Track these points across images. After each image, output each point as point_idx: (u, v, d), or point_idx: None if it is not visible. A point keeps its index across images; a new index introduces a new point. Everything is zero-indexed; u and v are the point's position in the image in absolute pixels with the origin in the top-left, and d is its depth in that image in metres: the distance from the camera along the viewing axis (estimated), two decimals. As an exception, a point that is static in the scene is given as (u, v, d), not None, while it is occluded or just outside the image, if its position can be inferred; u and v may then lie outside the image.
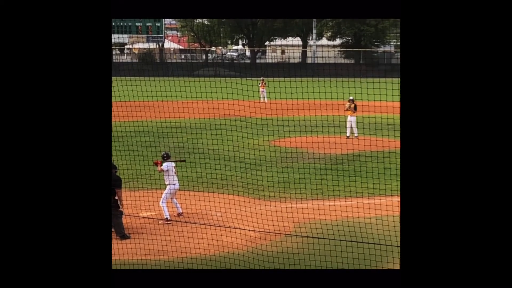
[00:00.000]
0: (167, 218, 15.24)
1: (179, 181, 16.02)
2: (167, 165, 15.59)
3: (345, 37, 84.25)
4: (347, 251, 11.66)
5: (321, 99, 17.29)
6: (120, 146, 17.76)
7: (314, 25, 78.39)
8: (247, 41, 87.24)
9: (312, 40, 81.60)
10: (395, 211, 12.28)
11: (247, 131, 17.97)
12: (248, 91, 16.20)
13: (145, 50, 78.33)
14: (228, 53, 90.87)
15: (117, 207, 14.00)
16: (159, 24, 73.90)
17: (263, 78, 42.98)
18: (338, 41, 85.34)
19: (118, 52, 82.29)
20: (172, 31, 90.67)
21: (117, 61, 73.26)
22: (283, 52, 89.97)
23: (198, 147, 23.25)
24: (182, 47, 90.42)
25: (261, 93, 41.64)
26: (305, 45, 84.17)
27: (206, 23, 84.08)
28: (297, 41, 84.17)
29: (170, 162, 15.72)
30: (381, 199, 15.88)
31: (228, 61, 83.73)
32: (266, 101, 37.94)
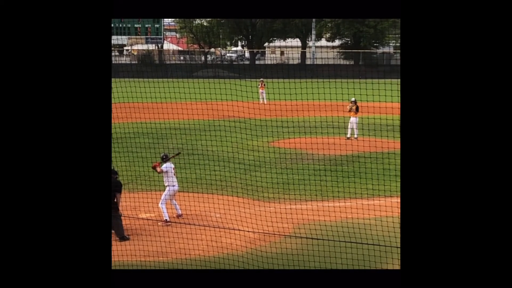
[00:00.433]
0: (166, 219, 15.22)
1: (178, 182, 16.01)
2: (166, 166, 15.57)
3: (344, 38, 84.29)
4: (346, 252, 11.65)
5: (320, 100, 17.28)
6: (119, 147, 17.75)
7: (313, 26, 78.41)
8: (246, 42, 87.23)
9: (311, 41, 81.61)
10: (394, 212, 12.27)
11: (246, 132, 17.97)
12: (247, 92, 16.19)
13: (144, 51, 78.33)
14: (227, 55, 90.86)
15: (117, 209, 14.06)
16: (158, 25, 74.02)
17: (262, 79, 42.98)
18: (337, 42, 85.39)
19: (117, 53, 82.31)
20: (171, 32, 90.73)
21: (116, 62, 73.29)
22: (282, 53, 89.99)
23: (197, 148, 23.22)
24: (181, 49, 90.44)
25: (260, 94, 41.65)
26: (304, 46, 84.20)
27: (205, 24, 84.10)
28: (296, 42, 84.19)
29: (169, 163, 15.72)
30: (380, 200, 15.86)
31: (227, 62, 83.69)
32: (265, 102, 37.96)
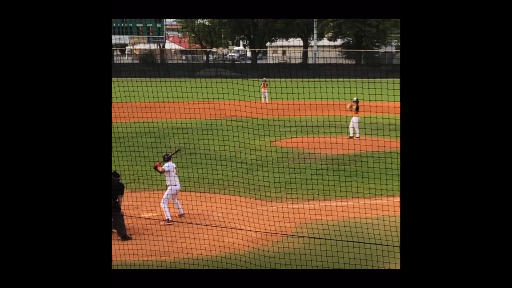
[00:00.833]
0: (168, 219, 15.22)
1: (180, 181, 16.00)
2: (168, 166, 15.57)
3: (346, 37, 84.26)
4: (348, 251, 11.64)
5: (322, 99, 17.27)
6: (121, 147, 17.75)
7: (315, 26, 78.38)
8: (248, 41, 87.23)
9: (313, 40, 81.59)
10: (396, 211, 12.22)
11: (249, 132, 17.96)
12: (249, 91, 16.18)
13: (146, 51, 78.35)
14: (229, 54, 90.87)
15: (119, 209, 14.08)
16: (160, 25, 74.00)
17: (265, 79, 42.95)
18: (339, 42, 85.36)
19: (119, 53, 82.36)
20: (173, 32, 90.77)
21: (118, 62, 73.34)
22: (284, 52, 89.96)
23: (199, 147, 23.23)
24: (183, 48, 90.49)
25: (262, 94, 41.62)
26: (306, 45, 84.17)
27: (207, 24, 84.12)
28: (298, 41, 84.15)
29: (170, 162, 15.71)
30: (382, 200, 15.86)
31: (229, 62, 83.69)
32: (267, 102, 37.94)
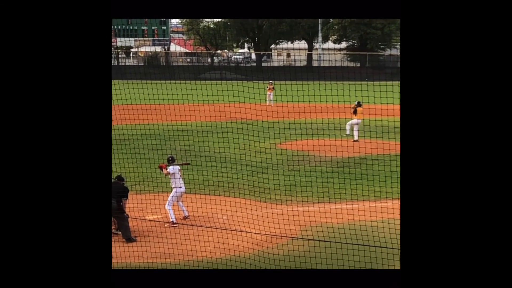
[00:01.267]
0: (173, 221, 15.22)
1: (185, 184, 16.00)
2: (173, 168, 15.58)
3: (351, 40, 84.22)
4: (353, 254, 11.63)
5: (327, 102, 17.27)
6: (126, 149, 17.79)
7: (319, 28, 78.36)
8: (252, 44, 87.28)
9: (317, 43, 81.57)
10: (402, 214, 12.22)
11: (253, 134, 17.95)
12: (254, 94, 16.18)
13: (151, 53, 78.47)
14: (233, 56, 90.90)
15: (123, 212, 14.10)
16: (165, 27, 74.08)
17: (271, 81, 42.95)
18: (344, 44, 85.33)
19: (124, 55, 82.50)
20: (178, 34, 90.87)
21: (123, 64, 73.45)
22: (288, 55, 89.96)
23: (204, 150, 23.23)
24: (188, 51, 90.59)
25: (268, 96, 41.63)
26: (310, 48, 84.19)
27: (211, 26, 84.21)
28: (303, 44, 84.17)
29: (175, 165, 15.71)
30: (387, 202, 15.83)
31: (233, 64, 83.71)
32: (272, 104, 37.93)
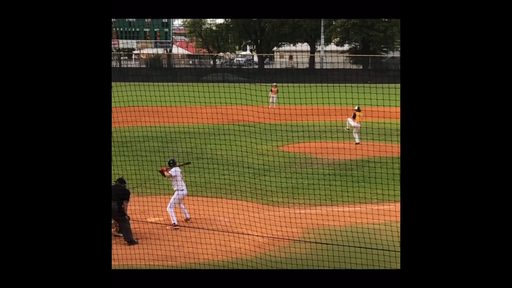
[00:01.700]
0: (174, 223, 15.20)
1: (187, 186, 15.98)
2: (175, 170, 15.56)
3: (353, 42, 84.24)
4: (355, 257, 11.59)
5: (329, 104, 17.23)
6: (128, 151, 17.79)
7: (322, 31, 78.40)
8: (255, 46, 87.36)
9: (320, 45, 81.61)
10: (404, 217, 12.18)
11: (255, 137, 17.93)
12: (256, 96, 16.17)
13: (153, 55, 78.55)
14: (236, 59, 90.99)
15: (124, 214, 14.09)
16: (167, 29, 74.13)
17: (275, 84, 42.95)
18: (346, 47, 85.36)
19: (126, 57, 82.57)
20: (180, 36, 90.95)
21: (125, 66, 73.53)
22: (291, 57, 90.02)
23: (206, 152, 23.21)
24: (190, 53, 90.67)
25: (271, 98, 41.62)
26: (313, 50, 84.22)
27: (214, 28, 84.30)
28: (306, 46, 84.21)
29: (176, 167, 15.68)
30: (389, 205, 15.79)
31: (236, 67, 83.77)
32: (274, 107, 37.91)
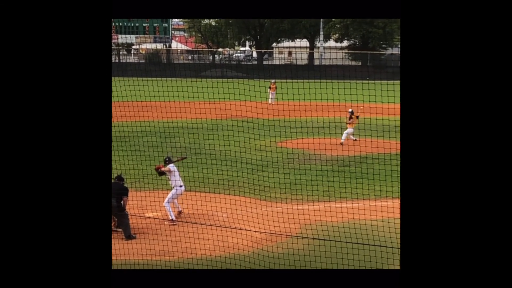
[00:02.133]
0: (172, 219, 15.20)
1: (184, 182, 15.97)
2: (173, 166, 15.55)
3: (353, 39, 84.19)
4: (353, 253, 11.60)
5: (328, 100, 17.24)
6: (126, 146, 17.75)
7: (321, 27, 78.33)
8: (254, 42, 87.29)
9: (319, 41, 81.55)
10: (402, 213, 12.19)
11: (254, 132, 17.92)
12: (255, 92, 16.15)
13: (152, 50, 78.41)
14: (235, 54, 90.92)
15: (123, 210, 14.13)
16: (166, 25, 74.03)
17: (274, 81, 42.94)
18: (345, 43, 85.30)
19: (125, 52, 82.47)
20: (179, 32, 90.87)
21: (124, 61, 73.44)
22: (290, 53, 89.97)
23: (204, 148, 23.22)
24: (189, 48, 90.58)
25: (270, 95, 41.61)
26: (312, 47, 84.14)
27: (213, 24, 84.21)
28: (305, 42, 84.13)
29: (172, 164, 15.65)
30: (387, 201, 15.81)
31: (235, 63, 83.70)
32: (273, 103, 37.88)
